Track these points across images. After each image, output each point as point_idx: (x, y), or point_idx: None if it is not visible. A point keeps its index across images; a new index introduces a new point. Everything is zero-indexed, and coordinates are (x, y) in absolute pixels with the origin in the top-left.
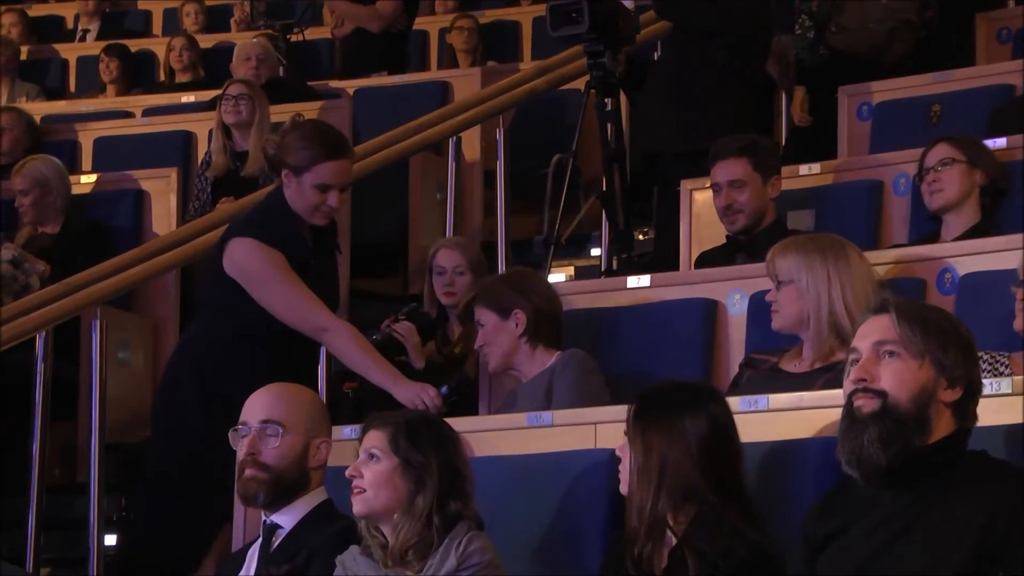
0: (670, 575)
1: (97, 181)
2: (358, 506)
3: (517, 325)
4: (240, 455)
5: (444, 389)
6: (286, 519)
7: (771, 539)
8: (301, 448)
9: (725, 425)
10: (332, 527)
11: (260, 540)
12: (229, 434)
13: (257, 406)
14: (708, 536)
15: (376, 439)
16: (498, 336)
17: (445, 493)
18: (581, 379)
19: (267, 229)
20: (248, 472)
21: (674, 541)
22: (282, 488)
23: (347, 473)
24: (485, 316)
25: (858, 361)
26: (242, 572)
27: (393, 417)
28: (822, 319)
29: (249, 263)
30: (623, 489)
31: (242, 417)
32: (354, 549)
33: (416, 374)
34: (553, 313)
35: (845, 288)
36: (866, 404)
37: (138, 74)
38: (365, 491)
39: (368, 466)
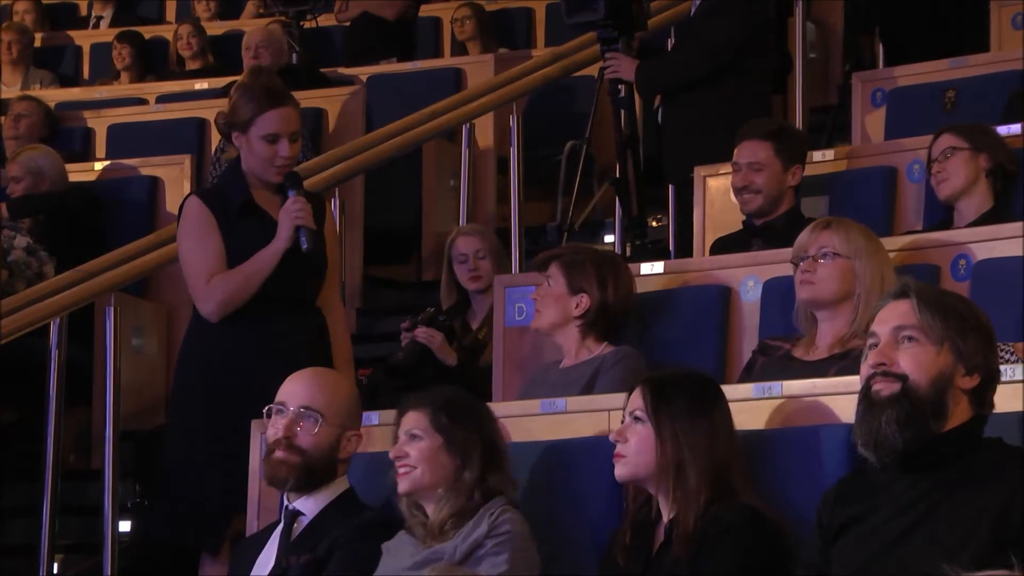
0: (663, 552)
1: (110, 168)
2: (405, 484)
3: (577, 307)
4: (272, 435)
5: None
6: (309, 506)
7: (766, 504)
8: (335, 439)
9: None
10: (356, 517)
11: (281, 526)
12: (265, 412)
13: (299, 390)
14: (702, 506)
15: (416, 419)
16: (556, 305)
17: (486, 468)
18: (629, 379)
19: (210, 188)
20: (279, 454)
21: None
22: (310, 475)
23: (391, 455)
24: (556, 278)
25: (876, 346)
26: (261, 556)
27: (430, 397)
28: (860, 308)
29: (183, 217)
30: (621, 473)
31: (280, 397)
32: (400, 533)
33: (449, 369)
34: (619, 313)
35: (886, 284)
36: (885, 388)
37: (151, 61)
38: (414, 469)
39: (412, 445)
